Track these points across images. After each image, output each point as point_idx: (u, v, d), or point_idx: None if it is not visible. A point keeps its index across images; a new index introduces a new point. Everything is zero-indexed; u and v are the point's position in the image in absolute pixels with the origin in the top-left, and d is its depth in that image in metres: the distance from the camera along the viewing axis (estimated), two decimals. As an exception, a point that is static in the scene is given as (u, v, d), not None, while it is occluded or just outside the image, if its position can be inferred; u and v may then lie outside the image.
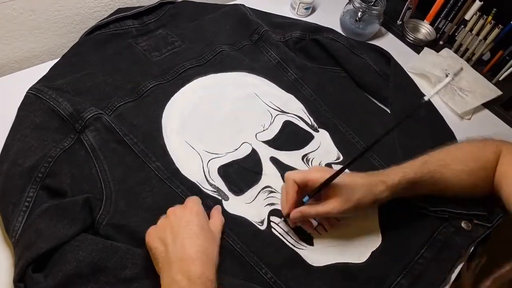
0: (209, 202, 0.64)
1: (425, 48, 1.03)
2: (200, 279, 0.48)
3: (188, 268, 0.48)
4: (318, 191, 0.60)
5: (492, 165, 0.65)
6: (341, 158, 0.75)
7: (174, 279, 0.48)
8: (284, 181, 0.68)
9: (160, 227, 0.54)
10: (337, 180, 0.59)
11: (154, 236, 0.53)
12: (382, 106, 0.86)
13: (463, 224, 0.68)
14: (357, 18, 0.98)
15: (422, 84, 0.92)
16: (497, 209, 0.69)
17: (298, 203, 0.62)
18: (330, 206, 0.60)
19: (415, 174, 0.63)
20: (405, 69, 0.92)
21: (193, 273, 0.48)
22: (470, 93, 0.92)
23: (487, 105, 0.93)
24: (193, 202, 0.58)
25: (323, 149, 0.75)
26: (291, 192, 0.61)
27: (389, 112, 0.85)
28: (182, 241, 0.51)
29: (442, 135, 0.82)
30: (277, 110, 0.78)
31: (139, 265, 0.53)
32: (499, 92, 0.94)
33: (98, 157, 0.64)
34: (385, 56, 0.93)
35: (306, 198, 0.61)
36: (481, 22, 0.97)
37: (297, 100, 0.81)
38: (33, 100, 0.68)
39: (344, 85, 0.88)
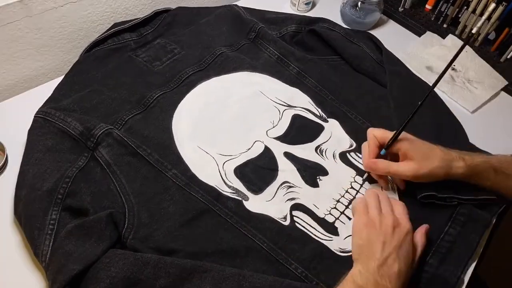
0: (229, 204, 0.64)
1: (427, 32, 1.02)
2: None
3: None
4: (392, 142, 0.64)
5: None
6: (354, 145, 0.75)
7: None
8: (301, 176, 0.69)
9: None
10: (417, 145, 0.63)
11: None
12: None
13: None
14: (357, 8, 0.98)
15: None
16: None
17: (377, 157, 0.66)
18: (404, 167, 0.63)
19: (492, 164, 0.64)
20: (406, 55, 0.92)
21: None
22: (479, 85, 0.90)
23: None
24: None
25: (335, 138, 0.75)
26: (372, 145, 0.66)
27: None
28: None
29: (445, 118, 0.83)
30: (284, 105, 0.78)
31: (173, 273, 0.52)
32: (505, 82, 0.91)
33: (115, 172, 0.64)
34: (379, 46, 0.93)
35: (383, 151, 0.66)
36: (483, 1, 0.95)
37: (302, 93, 0.81)
38: (42, 124, 0.68)
39: (346, 72, 0.88)
